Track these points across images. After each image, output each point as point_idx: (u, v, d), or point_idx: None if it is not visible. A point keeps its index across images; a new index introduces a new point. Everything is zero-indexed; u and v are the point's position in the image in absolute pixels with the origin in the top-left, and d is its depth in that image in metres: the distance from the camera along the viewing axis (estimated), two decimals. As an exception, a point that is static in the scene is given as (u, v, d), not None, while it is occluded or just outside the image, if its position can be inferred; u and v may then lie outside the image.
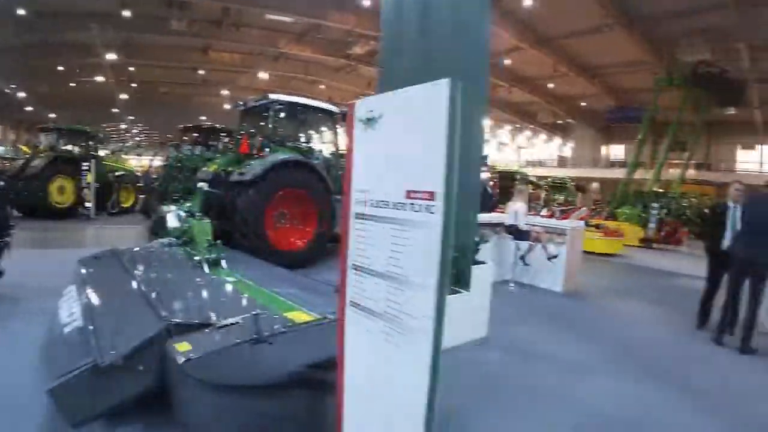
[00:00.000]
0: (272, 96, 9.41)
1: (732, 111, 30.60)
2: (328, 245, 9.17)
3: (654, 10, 21.39)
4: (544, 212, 11.80)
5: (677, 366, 5.47)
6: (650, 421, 3.99)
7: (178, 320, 3.03)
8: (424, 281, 1.86)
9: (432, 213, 1.83)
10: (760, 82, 27.38)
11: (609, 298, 8.70)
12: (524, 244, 8.63)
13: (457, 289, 5.40)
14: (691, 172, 32.05)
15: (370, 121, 2.16)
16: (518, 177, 22.78)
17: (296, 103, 9.71)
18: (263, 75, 35.13)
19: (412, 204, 1.91)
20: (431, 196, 1.83)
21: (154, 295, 3.60)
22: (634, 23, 22.70)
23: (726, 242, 6.44)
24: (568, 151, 48.80)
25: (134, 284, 4.08)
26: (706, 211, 10.15)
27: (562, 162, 48.20)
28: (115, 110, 43.14)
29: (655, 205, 18.80)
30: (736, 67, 23.93)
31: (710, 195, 26.63)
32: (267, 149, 8.90)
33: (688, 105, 23.32)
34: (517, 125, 46.91)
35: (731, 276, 6.20)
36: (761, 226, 5.89)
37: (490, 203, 14.58)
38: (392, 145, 2.05)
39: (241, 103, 10.23)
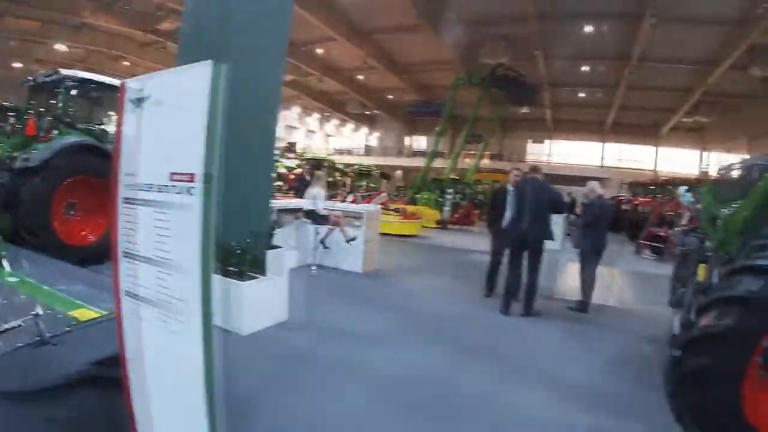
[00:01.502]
0: (63, 71, 8.39)
1: (526, 110, 35.20)
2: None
3: (462, 15, 23.12)
4: (350, 198, 12.46)
5: (466, 332, 6.19)
6: (438, 380, 4.50)
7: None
8: (189, 264, 1.87)
9: (192, 195, 1.83)
10: (553, 86, 31.86)
11: (406, 275, 9.44)
12: (324, 228, 8.94)
13: (253, 274, 5.53)
14: (486, 162, 36.38)
15: (139, 102, 2.08)
16: (326, 164, 23.53)
17: (90, 80, 8.65)
18: (61, 47, 30.99)
19: (175, 186, 1.90)
20: (192, 177, 1.83)
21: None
22: (443, 26, 24.25)
23: (505, 222, 7.36)
24: (374, 140, 51.41)
25: None
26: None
27: (368, 151, 50.52)
28: None
29: (450, 190, 20.77)
30: (533, 72, 27.37)
31: (502, 182, 30.27)
32: (56, 131, 8.00)
33: (485, 103, 26.09)
34: (327, 113, 48.04)
35: (510, 251, 7.15)
36: (530, 207, 6.83)
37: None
38: (158, 127, 2.01)
39: (30, 78, 8.98)
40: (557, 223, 10.86)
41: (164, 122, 1.99)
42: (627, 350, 5.85)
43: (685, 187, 7.84)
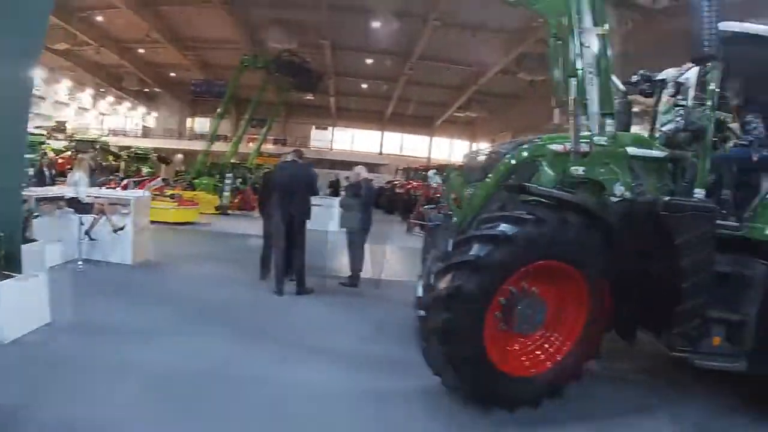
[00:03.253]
0: None
1: (311, 96, 36.15)
2: None
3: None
4: (123, 183, 11.80)
5: (241, 317, 6.50)
6: (215, 369, 4.70)
7: None
8: None
9: None
10: (338, 75, 33.35)
11: (182, 264, 9.42)
12: (88, 218, 8.35)
13: (7, 273, 5.14)
14: (270, 147, 36.71)
15: None
16: (97, 147, 21.66)
17: None
18: None
19: None
20: None
21: None
22: (235, 3, 24.02)
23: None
24: (152, 121, 48.24)
25: None
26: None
27: (147, 132, 47.43)
28: None
29: (229, 175, 20.70)
30: (319, 60, 28.28)
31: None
32: None
33: (270, 86, 26.30)
34: (102, 89, 43.48)
35: (275, 232, 7.64)
36: (288, 188, 7.49)
37: None
38: None
39: None
40: (333, 205, 11.71)
41: None
42: (393, 316, 6.66)
43: (434, 171, 9.12)
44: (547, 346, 4.27)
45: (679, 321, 4.05)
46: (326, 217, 9.81)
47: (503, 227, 3.87)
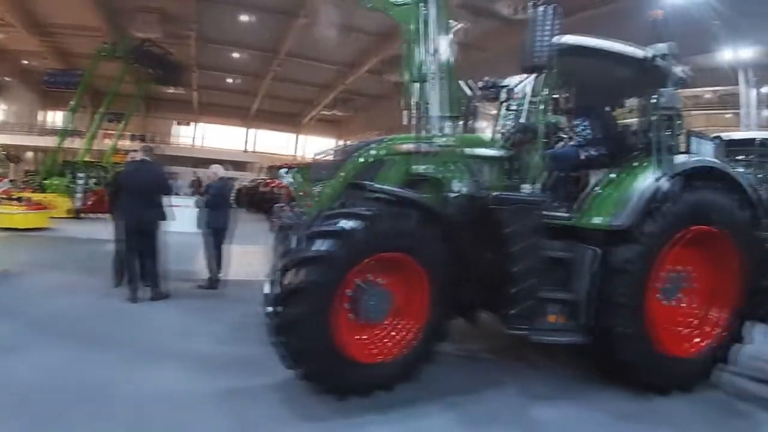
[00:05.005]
0: None
1: (172, 90, 34.62)
2: None
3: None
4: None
5: (93, 325, 6.21)
6: (64, 379, 4.56)
7: None
8: None
9: None
10: (202, 68, 32.23)
11: (30, 274, 8.78)
12: None
13: None
14: (128, 143, 34.67)
15: None
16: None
17: None
18: None
19: None
20: None
21: None
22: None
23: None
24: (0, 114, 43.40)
25: None
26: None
27: (-7, 126, 42.54)
28: None
29: (81, 174, 19.49)
30: (183, 52, 27.18)
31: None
32: None
33: (128, 78, 24.83)
34: None
35: (126, 235, 7.37)
36: (137, 188, 7.27)
37: None
38: None
39: None
40: (192, 205, 11.40)
41: None
42: (250, 316, 6.58)
43: (285, 169, 9.21)
44: (395, 333, 4.63)
45: (514, 302, 4.61)
46: (186, 217, 9.54)
47: (343, 223, 4.18)
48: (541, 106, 5.02)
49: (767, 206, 5.70)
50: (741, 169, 8.35)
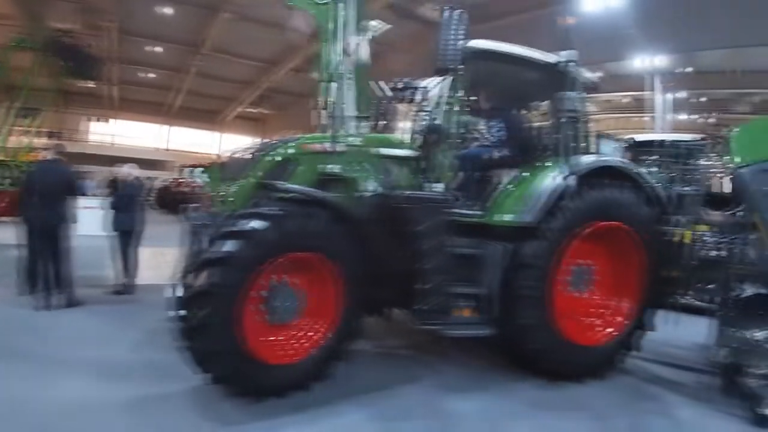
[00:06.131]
0: None
1: (91, 84, 33.18)
2: None
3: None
4: None
5: (7, 335, 5.91)
6: None
7: None
8: None
9: None
10: (122, 62, 31.03)
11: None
12: None
13: None
14: (43, 141, 32.86)
15: None
16: None
17: None
18: None
19: None
20: None
21: None
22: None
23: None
24: None
25: None
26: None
27: None
28: None
29: (-6, 174, 18.18)
30: (103, 44, 26.13)
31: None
32: None
33: (42, 71, 23.60)
34: None
35: (32, 239, 7.04)
36: (45, 189, 6.94)
37: None
38: None
39: None
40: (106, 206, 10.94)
41: None
42: (165, 321, 6.39)
43: (201, 169, 8.90)
44: (309, 333, 4.65)
45: (425, 298, 4.75)
46: (97, 220, 9.12)
47: (252, 223, 4.16)
48: (453, 108, 5.20)
49: (671, 203, 6.17)
50: (647, 169, 8.98)
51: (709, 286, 6.01)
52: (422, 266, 4.69)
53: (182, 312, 4.14)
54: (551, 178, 5.20)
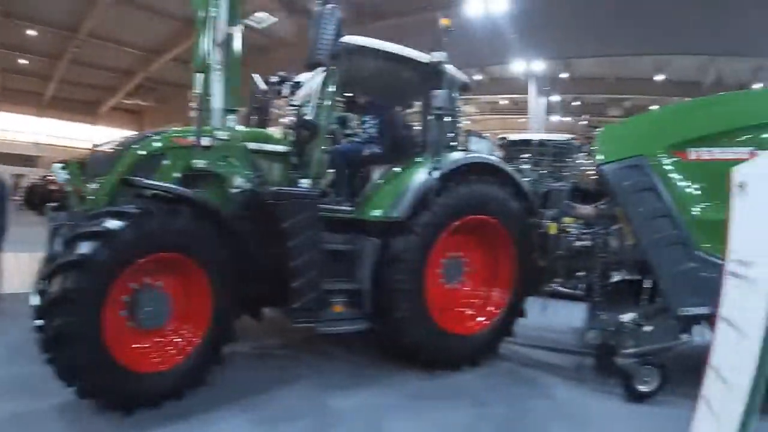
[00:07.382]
0: None
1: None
2: None
3: None
4: None
5: None
6: None
7: None
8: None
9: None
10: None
11: None
12: None
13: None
14: None
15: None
16: None
17: None
18: None
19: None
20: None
21: None
22: None
23: None
24: None
25: None
26: None
27: None
28: None
29: None
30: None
31: None
32: None
33: None
34: None
35: None
36: None
37: None
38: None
39: None
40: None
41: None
42: (33, 332, 6.00)
43: (60, 165, 8.31)
44: (179, 338, 4.42)
45: (297, 296, 4.69)
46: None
47: (108, 223, 3.87)
48: (325, 103, 5.22)
49: (538, 198, 6.54)
50: (519, 166, 9.54)
51: (578, 274, 6.36)
52: (294, 263, 4.63)
53: (40, 321, 3.80)
54: (420, 175, 5.35)
